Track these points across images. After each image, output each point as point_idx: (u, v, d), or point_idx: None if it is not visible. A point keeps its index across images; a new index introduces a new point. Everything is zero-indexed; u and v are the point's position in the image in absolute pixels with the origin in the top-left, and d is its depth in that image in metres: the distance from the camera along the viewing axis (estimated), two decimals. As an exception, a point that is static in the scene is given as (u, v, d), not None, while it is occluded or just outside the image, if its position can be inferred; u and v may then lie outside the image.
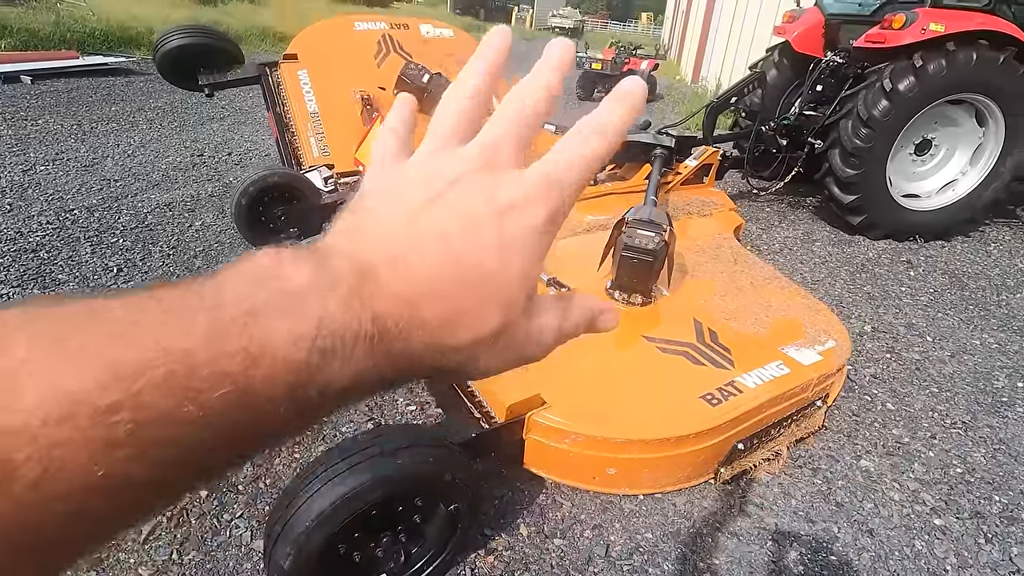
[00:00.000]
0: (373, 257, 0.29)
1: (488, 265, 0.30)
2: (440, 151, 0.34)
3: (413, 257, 0.29)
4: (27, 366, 0.20)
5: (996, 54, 4.06)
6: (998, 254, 4.56)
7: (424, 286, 0.29)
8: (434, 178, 0.32)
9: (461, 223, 0.30)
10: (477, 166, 0.32)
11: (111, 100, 6.79)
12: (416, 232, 0.30)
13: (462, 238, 0.30)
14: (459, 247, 0.30)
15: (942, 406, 2.61)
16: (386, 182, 0.34)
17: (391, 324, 0.28)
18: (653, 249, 2.25)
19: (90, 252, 3.35)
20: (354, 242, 0.30)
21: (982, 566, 1.83)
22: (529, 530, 1.84)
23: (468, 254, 0.30)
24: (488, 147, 0.32)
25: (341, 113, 3.59)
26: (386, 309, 0.28)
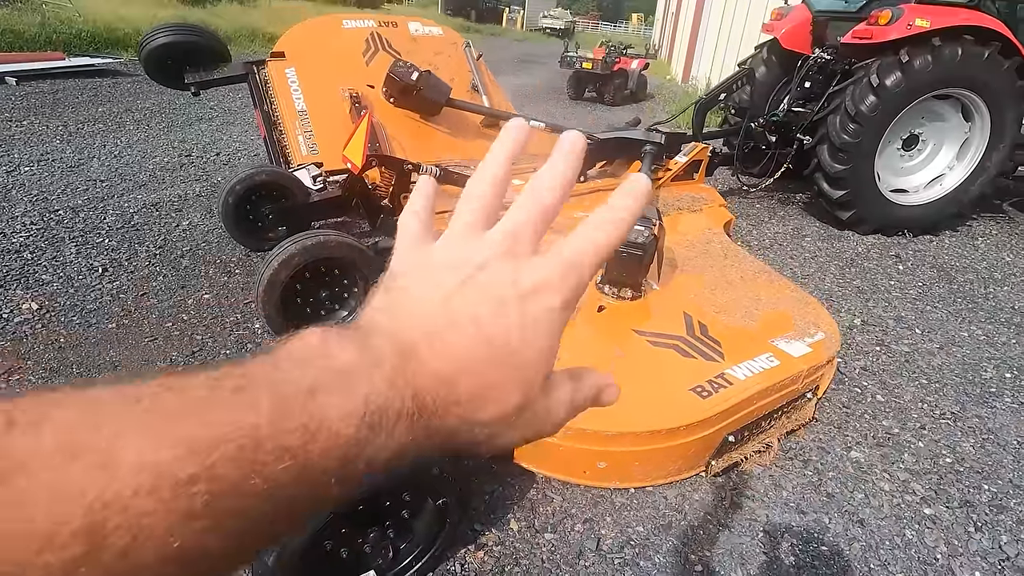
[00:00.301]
0: (412, 336, 0.31)
1: (514, 345, 0.33)
2: (467, 236, 0.36)
3: (449, 336, 0.32)
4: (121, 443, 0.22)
5: (981, 49, 4.09)
6: (985, 248, 4.60)
7: (459, 364, 0.31)
8: (463, 262, 0.34)
9: (490, 305, 0.33)
10: (501, 252, 0.34)
11: (98, 101, 6.72)
12: (450, 313, 0.32)
13: (491, 319, 0.32)
14: (489, 328, 0.32)
15: (931, 397, 2.62)
16: (416, 263, 0.37)
17: (429, 400, 0.31)
18: (642, 243, 2.25)
19: (75, 252, 3.31)
20: (393, 321, 0.32)
21: (972, 554, 1.84)
22: (519, 525, 1.83)
23: (497, 334, 0.32)
24: (511, 235, 0.35)
25: (330, 111, 3.56)
26: (425, 386, 0.30)
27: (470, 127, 3.93)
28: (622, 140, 3.65)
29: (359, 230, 3.35)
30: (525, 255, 0.35)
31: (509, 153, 0.39)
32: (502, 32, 29.65)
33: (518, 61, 16.24)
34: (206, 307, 2.92)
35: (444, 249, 0.37)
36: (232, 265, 3.33)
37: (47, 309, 2.78)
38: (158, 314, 2.83)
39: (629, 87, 10.76)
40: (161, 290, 3.03)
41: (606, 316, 2.32)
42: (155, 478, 0.22)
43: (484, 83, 4.19)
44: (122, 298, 2.93)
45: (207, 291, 3.05)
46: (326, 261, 2.50)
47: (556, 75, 12.63)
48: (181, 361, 2.50)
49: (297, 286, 2.49)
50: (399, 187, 2.92)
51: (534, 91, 11.18)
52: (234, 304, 2.96)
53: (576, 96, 10.82)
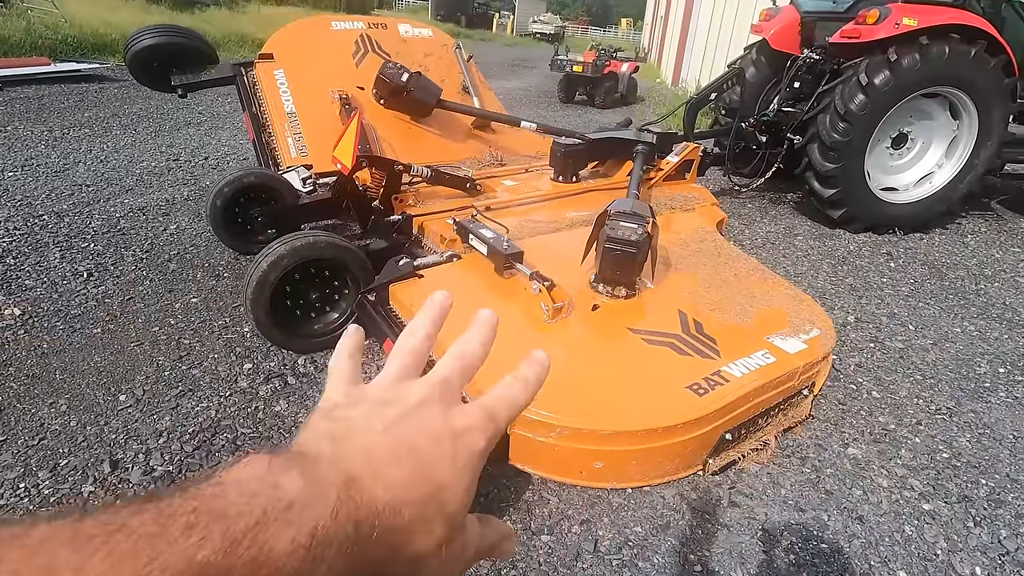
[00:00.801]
0: (356, 465, 0.33)
1: (446, 480, 0.35)
2: (400, 380, 0.41)
3: (390, 470, 0.34)
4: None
5: (967, 48, 4.12)
6: (975, 245, 4.62)
7: (398, 495, 0.33)
8: (401, 399, 0.38)
9: (428, 441, 0.36)
10: (435, 395, 0.39)
11: (84, 106, 6.65)
12: (392, 444, 0.35)
13: (429, 453, 0.35)
14: (427, 461, 0.35)
15: (926, 393, 2.62)
16: (356, 397, 0.40)
17: (367, 531, 0.31)
18: (636, 240, 2.23)
19: (59, 257, 3.25)
20: (338, 449, 0.34)
21: (972, 549, 1.82)
22: (515, 527, 1.79)
23: (433, 469, 0.35)
24: (441, 383, 0.40)
25: (319, 113, 3.53)
26: (367, 516, 0.31)
27: (461, 128, 3.91)
28: (614, 140, 3.64)
29: (349, 232, 3.32)
30: (453, 401, 0.39)
31: (435, 317, 0.46)
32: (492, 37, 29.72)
33: (509, 65, 16.26)
34: (194, 311, 2.87)
35: (379, 389, 0.40)
36: (220, 268, 3.29)
37: (30, 315, 2.72)
38: (144, 319, 2.77)
39: (619, 90, 10.79)
40: (148, 294, 2.98)
41: (601, 315, 2.29)
42: None
43: (474, 84, 4.17)
44: (108, 303, 2.87)
45: (195, 295, 3.00)
46: (316, 263, 2.46)
47: (547, 78, 12.65)
48: (168, 366, 2.45)
49: (286, 288, 2.45)
50: (390, 188, 2.89)
51: (525, 94, 11.19)
52: (223, 308, 2.91)
53: (567, 99, 10.83)
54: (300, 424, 2.14)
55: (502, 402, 0.40)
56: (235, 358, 2.54)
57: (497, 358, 0.47)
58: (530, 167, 3.71)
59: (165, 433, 2.09)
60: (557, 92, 11.01)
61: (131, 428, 2.11)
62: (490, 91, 4.34)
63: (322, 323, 2.60)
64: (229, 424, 2.16)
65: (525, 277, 2.29)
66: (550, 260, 2.45)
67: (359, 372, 0.43)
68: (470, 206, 2.94)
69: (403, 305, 2.35)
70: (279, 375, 2.45)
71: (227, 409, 2.24)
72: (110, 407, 2.20)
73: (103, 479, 1.88)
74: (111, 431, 2.09)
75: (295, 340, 2.56)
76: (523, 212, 3.10)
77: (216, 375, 2.42)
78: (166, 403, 2.24)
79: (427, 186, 3.14)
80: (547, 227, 2.92)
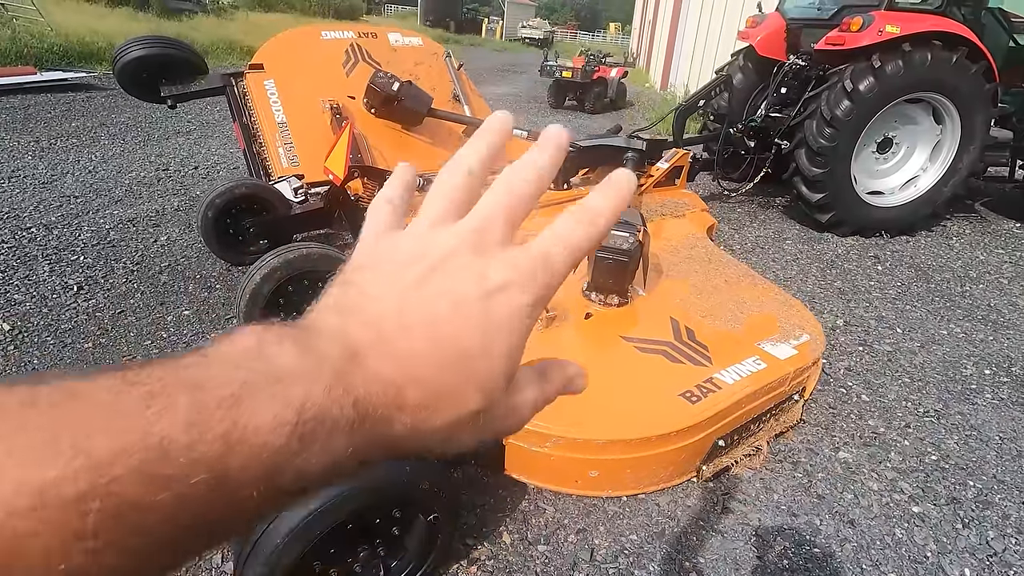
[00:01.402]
0: (360, 339, 0.29)
1: (472, 350, 0.30)
2: (434, 227, 0.34)
3: (400, 341, 0.29)
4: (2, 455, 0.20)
5: (949, 54, 4.20)
6: (960, 247, 4.70)
7: (408, 371, 0.29)
8: (425, 256, 0.32)
9: (448, 306, 0.30)
10: (468, 246, 0.32)
11: (71, 116, 6.60)
12: (404, 314, 0.30)
13: (448, 322, 0.30)
14: (445, 331, 0.30)
15: (915, 396, 2.66)
16: (378, 255, 0.34)
17: (371, 409, 0.28)
18: (628, 249, 2.25)
19: (48, 271, 3.22)
20: (343, 321, 0.30)
21: (960, 551, 1.86)
22: (512, 537, 1.80)
23: (453, 339, 0.30)
24: (479, 228, 0.33)
25: (310, 123, 3.53)
26: (369, 393, 0.28)
27: (452, 137, 3.93)
28: (604, 147, 3.67)
29: (342, 242, 3.32)
30: (493, 249, 0.32)
31: (489, 144, 0.37)
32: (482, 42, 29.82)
33: (499, 70, 16.32)
34: (186, 324, 2.85)
35: (409, 240, 0.34)
36: (212, 280, 3.27)
37: (19, 330, 2.70)
38: (136, 332, 2.76)
39: (609, 95, 10.86)
40: (139, 307, 2.96)
41: (593, 323, 2.31)
42: (37, 496, 0.19)
43: (465, 93, 4.19)
44: (98, 316, 2.86)
45: (187, 307, 2.99)
46: (310, 274, 2.47)
47: (536, 84, 12.72)
48: (161, 380, 2.43)
49: (280, 300, 2.45)
50: (382, 198, 2.90)
51: (515, 100, 11.23)
52: (215, 320, 2.90)
53: (556, 104, 10.89)
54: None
55: (558, 243, 0.33)
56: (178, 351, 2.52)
57: None
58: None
59: (159, 448, 2.08)
60: (547, 98, 11.07)
61: (124, 444, 2.09)
62: (481, 99, 4.36)
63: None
64: (223, 438, 2.15)
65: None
66: (543, 269, 2.46)
67: (397, 219, 0.37)
68: (462, 215, 2.95)
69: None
70: (273, 387, 2.44)
71: (221, 423, 2.23)
72: (102, 422, 2.18)
73: (97, 496, 1.86)
74: (104, 447, 2.07)
75: (289, 352, 2.55)
76: (515, 220, 3.11)
77: (209, 388, 2.41)
78: (159, 418, 2.23)
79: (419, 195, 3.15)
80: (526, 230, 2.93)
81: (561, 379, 0.38)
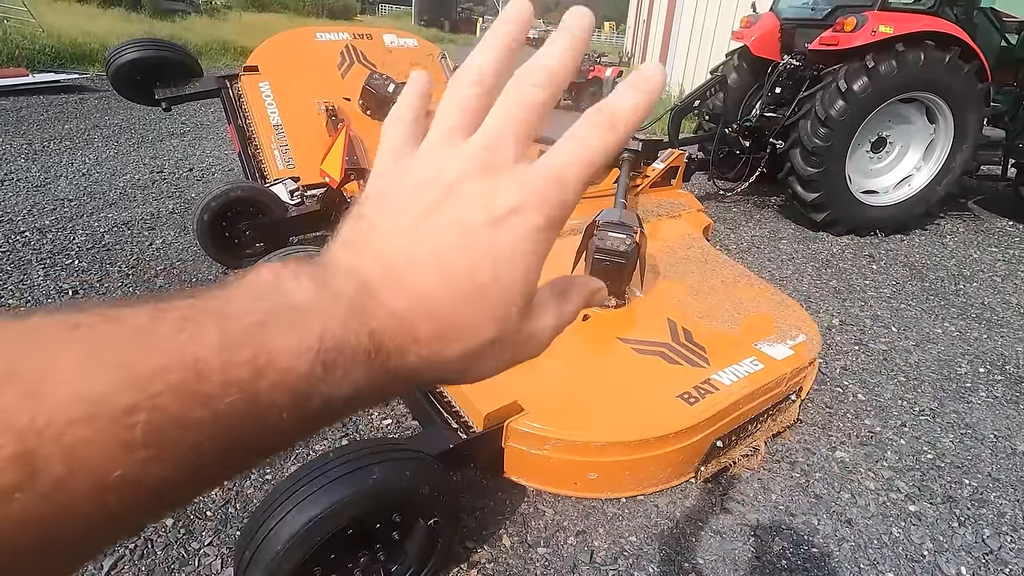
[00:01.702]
0: (371, 273, 0.30)
1: (484, 279, 0.30)
2: (445, 146, 0.32)
3: (409, 275, 0.30)
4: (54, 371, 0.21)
5: (942, 54, 4.23)
6: (953, 245, 4.73)
7: (419, 303, 0.30)
8: (436, 181, 0.31)
9: (457, 235, 0.30)
10: (477, 167, 0.31)
11: (64, 118, 6.56)
12: (413, 246, 0.30)
13: (457, 252, 0.30)
14: (455, 263, 0.30)
15: (910, 394, 2.67)
16: (390, 183, 0.33)
17: (387, 340, 0.29)
18: (625, 251, 2.26)
19: (43, 275, 3.20)
20: (356, 256, 0.31)
21: (957, 549, 1.87)
22: (512, 540, 1.80)
23: (464, 270, 0.30)
24: (488, 146, 0.31)
25: (305, 125, 3.53)
26: (382, 326, 0.29)
27: (448, 138, 3.92)
28: (600, 148, 3.67)
29: (339, 244, 3.31)
30: (504, 168, 0.31)
31: (503, 42, 0.34)
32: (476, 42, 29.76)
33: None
34: (182, 327, 2.84)
35: (419, 164, 0.33)
36: (209, 283, 3.25)
37: (14, 335, 2.67)
38: (132, 336, 2.74)
39: (604, 94, 10.84)
40: (135, 311, 2.94)
41: (591, 325, 2.32)
42: (91, 407, 0.21)
43: (461, 94, 4.18)
44: (94, 321, 2.84)
45: (183, 311, 2.97)
46: None
47: (531, 84, 12.70)
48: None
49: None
50: (379, 200, 2.89)
51: (510, 100, 11.22)
52: (212, 323, 2.88)
53: (552, 104, 10.88)
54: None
55: (574, 155, 0.31)
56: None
57: None
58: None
59: (156, 454, 2.07)
60: (542, 97, 11.06)
61: (121, 449, 2.08)
62: (476, 100, 4.36)
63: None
64: (221, 443, 2.15)
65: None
66: (540, 271, 2.46)
67: (411, 138, 0.35)
68: (459, 217, 2.95)
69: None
70: (271, 391, 2.44)
71: (219, 427, 2.22)
72: (99, 428, 2.17)
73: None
74: (101, 453, 2.06)
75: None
76: (512, 222, 3.12)
77: (207, 393, 2.40)
78: (156, 423, 2.22)
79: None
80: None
81: (581, 296, 0.37)
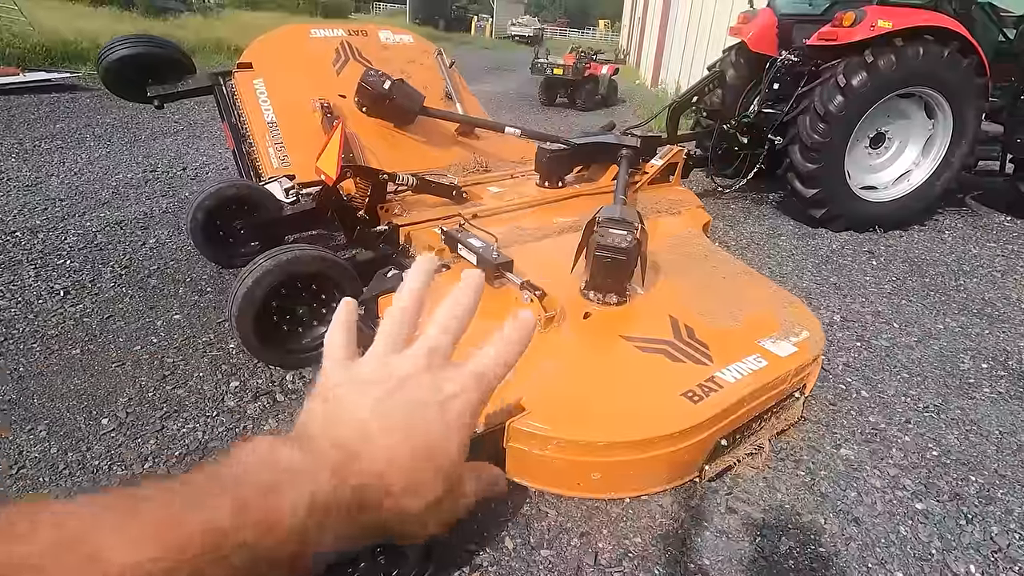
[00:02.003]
0: (349, 440, 0.37)
1: (437, 442, 0.39)
2: (389, 354, 0.43)
3: (381, 440, 0.37)
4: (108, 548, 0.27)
5: (941, 48, 4.21)
6: (952, 241, 4.71)
7: (392, 463, 0.37)
8: (390, 376, 0.41)
9: (416, 410, 0.39)
10: (423, 366, 0.42)
11: (55, 117, 6.49)
12: (381, 419, 0.38)
13: (418, 423, 0.39)
14: (416, 430, 0.39)
15: (914, 391, 2.65)
16: (347, 377, 0.42)
17: (366, 495, 0.36)
18: (626, 247, 2.23)
19: (34, 275, 3.15)
20: (332, 427, 0.38)
21: (965, 547, 1.84)
22: (514, 543, 1.77)
23: (423, 436, 0.39)
24: (428, 353, 0.43)
25: (300, 122, 3.47)
26: (363, 482, 0.36)
27: (444, 135, 3.88)
28: (598, 144, 3.64)
29: (335, 243, 3.27)
30: (442, 367, 0.42)
31: (421, 283, 0.48)
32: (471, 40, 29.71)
33: (489, 69, 16.26)
34: (177, 328, 2.80)
35: (370, 365, 0.43)
36: (203, 283, 3.22)
37: (4, 337, 2.63)
38: (125, 337, 2.70)
39: (600, 92, 10.84)
40: (128, 312, 2.90)
41: (593, 323, 2.28)
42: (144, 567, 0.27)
43: (457, 90, 4.14)
44: (86, 322, 2.79)
45: (177, 311, 2.93)
46: (302, 277, 2.42)
47: (527, 82, 12.67)
48: (151, 387, 2.38)
49: (273, 303, 2.40)
50: (375, 198, 2.85)
51: (506, 98, 11.19)
52: (207, 324, 2.84)
53: (548, 102, 10.86)
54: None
55: (490, 362, 0.43)
56: (221, 376, 2.48)
57: None
58: (515, 173, 3.70)
59: (151, 458, 2.03)
60: (538, 95, 11.04)
61: (115, 453, 2.04)
62: (473, 97, 4.32)
63: (310, 338, 2.55)
64: (217, 445, 2.11)
65: (516, 287, 2.27)
66: (539, 268, 2.43)
67: (353, 346, 0.46)
68: (456, 214, 2.92)
69: (393, 318, 2.32)
70: (267, 392, 2.40)
71: (215, 430, 2.18)
72: (92, 432, 2.13)
73: (86, 508, 1.81)
74: (94, 457, 2.02)
75: (283, 356, 2.51)
76: (510, 219, 3.08)
77: (202, 394, 2.36)
78: (151, 426, 2.18)
79: (412, 195, 3.11)
80: (535, 234, 2.91)
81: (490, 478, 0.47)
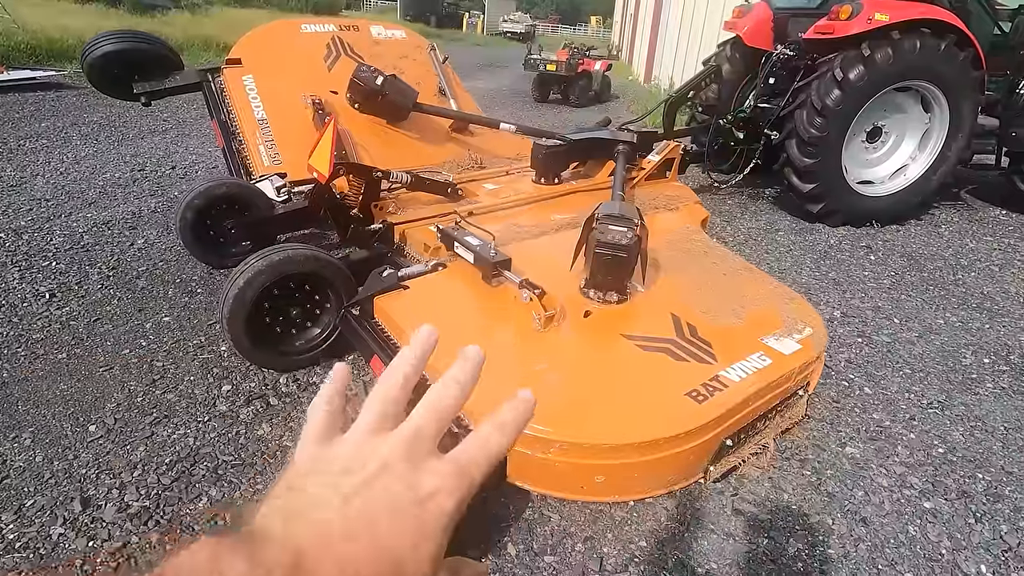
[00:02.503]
0: (305, 543, 0.32)
1: (406, 552, 0.33)
2: (372, 435, 0.38)
3: (341, 545, 0.32)
4: None
5: (937, 42, 4.19)
6: (949, 235, 4.71)
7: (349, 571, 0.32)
8: (365, 465, 0.36)
9: (386, 513, 0.34)
10: (401, 456, 0.36)
11: (40, 116, 6.36)
12: (347, 519, 0.33)
13: (387, 526, 0.33)
14: (383, 534, 0.33)
15: (917, 387, 2.63)
16: (319, 460, 0.38)
17: None
18: (627, 244, 2.18)
19: (18, 277, 3.07)
20: (288, 526, 0.33)
21: (975, 547, 1.82)
22: (518, 548, 1.72)
23: (389, 543, 0.33)
24: (409, 440, 0.37)
25: (291, 119, 3.41)
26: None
27: (438, 131, 3.83)
28: (595, 140, 3.59)
29: (328, 242, 3.21)
30: (424, 457, 0.37)
31: (419, 355, 0.43)
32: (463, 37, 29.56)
33: (482, 66, 16.16)
34: (166, 330, 2.73)
35: (349, 448, 0.38)
36: (194, 284, 3.14)
37: (-12, 341, 2.55)
38: (113, 341, 2.63)
39: (593, 88, 10.80)
40: (116, 315, 2.83)
41: (593, 322, 2.24)
42: None
43: (451, 86, 4.08)
44: (72, 325, 2.72)
45: (167, 313, 2.86)
46: (295, 277, 2.36)
47: (520, 78, 12.60)
48: (140, 391, 2.31)
49: (265, 304, 2.34)
50: (369, 195, 2.79)
51: (500, 94, 11.12)
52: (197, 326, 2.77)
53: (541, 98, 10.80)
54: (284, 448, 2.03)
55: (476, 455, 0.38)
56: (212, 380, 2.41)
57: (490, 373, 0.45)
58: (511, 169, 3.64)
59: (140, 465, 1.97)
60: (531, 91, 10.97)
61: (103, 461, 1.98)
62: (467, 93, 4.26)
63: (304, 339, 2.49)
64: (209, 452, 2.05)
65: (514, 285, 2.22)
66: (538, 266, 2.38)
67: (336, 422, 0.41)
68: (452, 212, 2.86)
69: (389, 318, 2.26)
70: (260, 396, 2.34)
71: (206, 435, 2.12)
72: (79, 439, 2.06)
73: (74, 519, 1.75)
74: (81, 465, 1.95)
75: (276, 358, 2.44)
76: (507, 216, 3.03)
77: (193, 399, 2.30)
78: (140, 432, 2.11)
79: (407, 192, 3.05)
80: (532, 231, 2.86)
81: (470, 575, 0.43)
